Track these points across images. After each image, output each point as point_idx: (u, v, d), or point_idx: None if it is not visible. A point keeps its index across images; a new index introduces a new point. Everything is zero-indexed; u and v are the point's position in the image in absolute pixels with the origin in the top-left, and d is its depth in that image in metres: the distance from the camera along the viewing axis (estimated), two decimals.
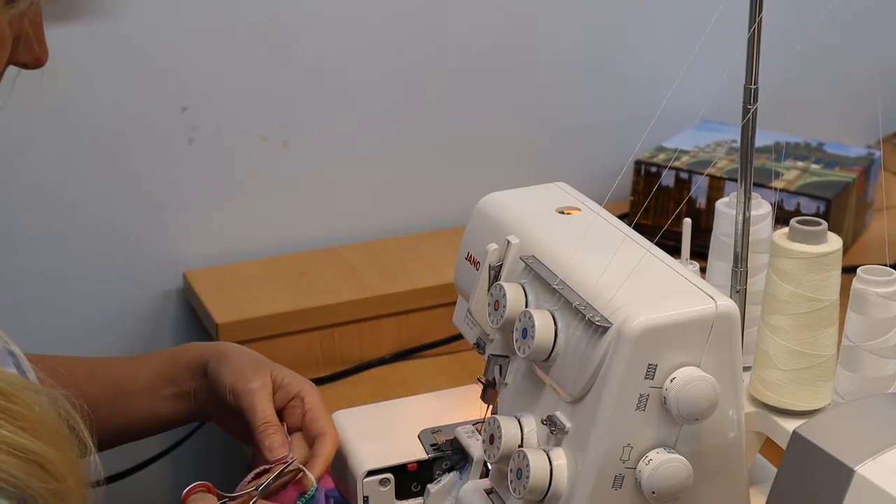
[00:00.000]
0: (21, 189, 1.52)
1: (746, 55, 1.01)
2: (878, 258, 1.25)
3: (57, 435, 0.76)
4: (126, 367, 1.18)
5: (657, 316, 0.87)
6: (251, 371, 1.10)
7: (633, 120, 1.70)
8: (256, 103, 1.60)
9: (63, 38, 1.47)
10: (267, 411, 1.08)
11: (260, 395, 1.08)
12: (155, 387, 1.16)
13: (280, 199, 1.64)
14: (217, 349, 1.15)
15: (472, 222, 1.07)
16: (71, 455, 0.77)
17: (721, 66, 0.97)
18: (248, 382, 1.09)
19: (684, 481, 0.88)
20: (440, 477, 1.09)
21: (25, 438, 0.72)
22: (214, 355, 1.13)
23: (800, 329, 1.02)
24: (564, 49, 1.73)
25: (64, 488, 0.74)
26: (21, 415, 0.73)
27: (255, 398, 1.08)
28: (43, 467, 0.73)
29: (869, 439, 0.82)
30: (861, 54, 1.92)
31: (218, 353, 1.13)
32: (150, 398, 1.16)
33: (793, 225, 1.02)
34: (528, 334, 0.91)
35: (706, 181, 1.62)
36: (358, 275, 1.57)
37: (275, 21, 1.57)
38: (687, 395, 0.86)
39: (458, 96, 1.69)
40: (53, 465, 0.74)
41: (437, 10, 1.64)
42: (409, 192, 1.71)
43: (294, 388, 1.10)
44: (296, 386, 1.11)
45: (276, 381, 1.11)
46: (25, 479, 0.71)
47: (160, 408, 1.16)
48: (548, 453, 0.91)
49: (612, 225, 1.01)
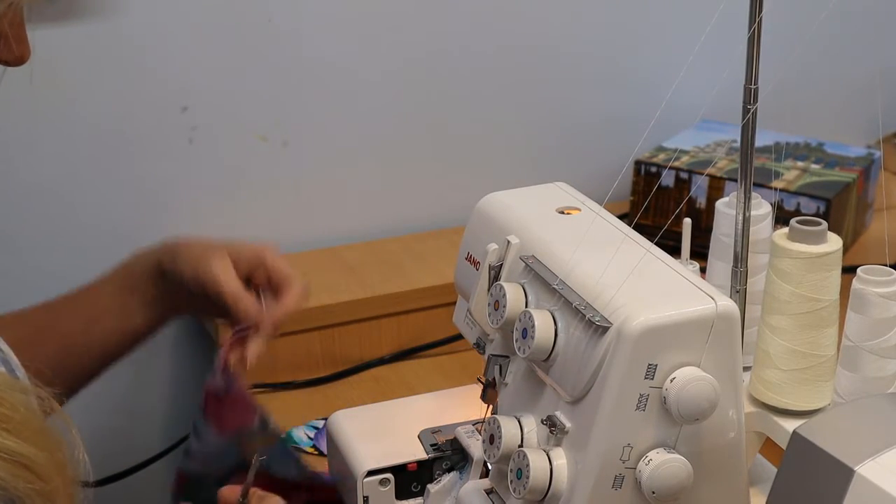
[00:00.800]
0: (21, 189, 1.52)
1: (746, 55, 1.01)
2: (878, 258, 1.25)
3: (43, 435, 0.76)
4: (87, 295, 1.21)
5: (657, 316, 0.87)
6: (207, 254, 1.14)
7: (633, 120, 1.70)
8: (256, 103, 1.59)
9: (63, 38, 1.47)
10: (232, 283, 1.12)
11: (222, 272, 1.12)
12: (121, 303, 1.18)
13: (280, 199, 1.64)
14: (167, 248, 1.18)
15: (472, 222, 1.07)
16: (58, 455, 0.76)
17: (721, 66, 0.97)
18: (207, 265, 1.13)
19: (684, 481, 0.88)
20: (440, 477, 1.09)
21: (10, 440, 0.72)
22: (167, 253, 1.17)
23: (800, 329, 1.02)
24: (564, 49, 1.73)
25: (51, 488, 0.74)
26: (6, 416, 0.73)
27: (217, 277, 1.12)
28: (29, 468, 0.73)
29: (869, 439, 0.82)
30: (861, 54, 1.92)
31: (170, 251, 1.17)
32: (120, 315, 1.19)
33: (793, 225, 1.02)
34: (528, 334, 0.91)
35: (706, 181, 1.62)
36: (358, 275, 1.56)
37: (275, 21, 1.57)
38: (687, 395, 0.86)
39: (458, 96, 1.69)
40: (40, 466, 0.74)
41: (438, 9, 1.64)
42: (409, 192, 1.70)
43: (253, 256, 1.15)
44: (254, 253, 1.15)
45: (235, 255, 1.15)
46: (11, 480, 0.71)
47: (133, 321, 1.19)
48: (548, 453, 0.91)
49: (612, 225, 1.01)
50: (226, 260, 1.14)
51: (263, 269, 1.15)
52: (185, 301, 1.17)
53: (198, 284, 1.13)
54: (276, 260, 1.15)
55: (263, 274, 1.15)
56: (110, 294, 1.19)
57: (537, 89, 1.73)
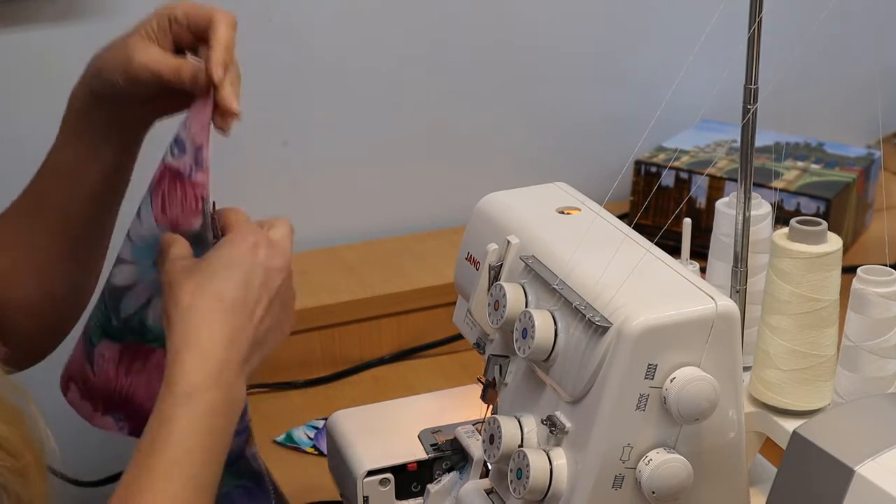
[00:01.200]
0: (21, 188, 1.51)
1: (746, 55, 1.02)
2: (878, 258, 1.25)
3: (12, 412, 0.75)
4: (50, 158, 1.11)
5: (657, 316, 0.87)
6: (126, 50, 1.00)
7: (633, 120, 1.69)
8: (257, 103, 1.59)
9: (63, 38, 1.47)
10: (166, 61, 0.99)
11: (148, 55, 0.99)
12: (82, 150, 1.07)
13: (280, 199, 1.64)
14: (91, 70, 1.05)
15: (472, 222, 1.07)
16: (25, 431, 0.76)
17: (721, 66, 0.97)
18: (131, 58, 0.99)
19: (684, 481, 0.88)
20: (440, 477, 1.09)
21: None
22: (94, 76, 1.04)
23: (800, 329, 1.02)
24: (565, 49, 1.73)
25: (22, 465, 0.73)
26: None
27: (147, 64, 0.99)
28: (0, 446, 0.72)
29: (869, 439, 0.82)
30: (861, 54, 1.92)
31: (95, 70, 1.04)
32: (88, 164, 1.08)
33: (793, 225, 1.02)
34: (528, 334, 0.91)
35: (706, 181, 1.62)
36: (358, 275, 1.56)
37: (275, 21, 1.57)
38: (687, 395, 0.86)
39: (458, 96, 1.69)
40: (10, 443, 0.73)
41: (437, 9, 1.64)
42: (409, 192, 1.70)
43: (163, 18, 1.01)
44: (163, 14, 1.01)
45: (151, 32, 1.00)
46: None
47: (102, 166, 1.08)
48: (548, 453, 0.91)
49: (612, 225, 1.01)
50: (144, 42, 1.00)
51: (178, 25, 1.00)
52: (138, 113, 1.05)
53: (135, 85, 1.00)
54: (186, 7, 0.99)
55: (184, 30, 1.00)
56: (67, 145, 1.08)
57: (537, 89, 1.73)
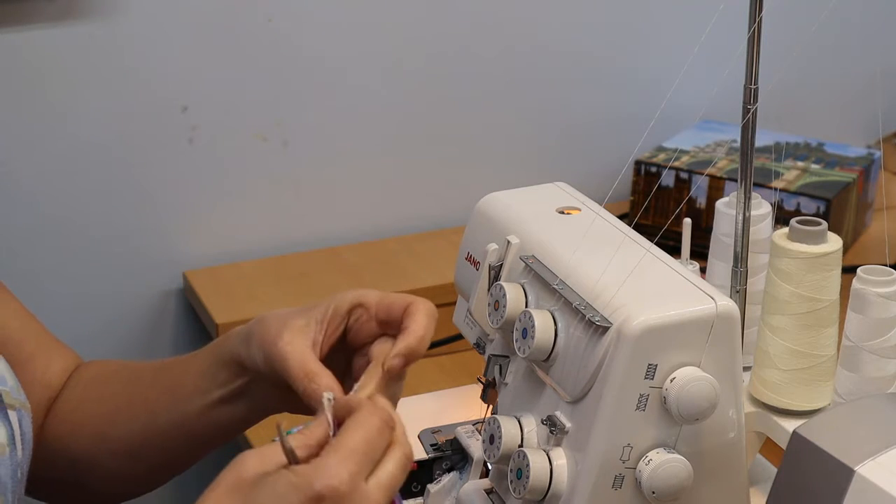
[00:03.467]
0: (21, 189, 1.52)
1: (746, 55, 1.01)
2: (878, 258, 1.26)
3: None
4: (176, 368, 1.01)
5: (657, 316, 0.87)
6: (278, 327, 0.89)
7: (633, 120, 1.70)
8: (256, 103, 1.60)
9: (63, 38, 1.47)
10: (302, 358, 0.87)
11: (291, 346, 0.88)
12: (204, 389, 0.97)
13: (280, 199, 1.64)
14: (245, 330, 0.93)
15: (472, 222, 1.07)
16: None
17: (721, 66, 0.97)
18: (275, 340, 0.88)
19: (684, 481, 0.88)
20: (440, 477, 1.09)
21: None
22: (243, 341, 0.93)
23: (800, 329, 1.02)
24: (564, 49, 1.73)
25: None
26: None
27: (286, 352, 0.87)
28: None
29: (869, 439, 0.82)
30: (861, 54, 1.92)
31: (246, 334, 0.93)
32: (202, 402, 0.97)
33: (793, 225, 1.02)
34: (528, 334, 0.91)
35: (706, 181, 1.62)
36: (358, 275, 1.56)
37: (275, 21, 1.57)
38: (687, 395, 0.86)
39: (457, 96, 1.69)
40: None
41: (437, 9, 1.64)
42: (409, 192, 1.70)
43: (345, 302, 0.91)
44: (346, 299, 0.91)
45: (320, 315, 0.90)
46: None
47: (215, 413, 0.96)
48: (548, 453, 0.91)
49: (612, 225, 1.01)
50: (299, 328, 0.89)
51: (365, 311, 0.91)
52: (273, 395, 0.93)
53: (272, 370, 0.89)
54: (380, 295, 0.90)
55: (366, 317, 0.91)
56: (195, 375, 0.98)
57: (537, 89, 1.73)
